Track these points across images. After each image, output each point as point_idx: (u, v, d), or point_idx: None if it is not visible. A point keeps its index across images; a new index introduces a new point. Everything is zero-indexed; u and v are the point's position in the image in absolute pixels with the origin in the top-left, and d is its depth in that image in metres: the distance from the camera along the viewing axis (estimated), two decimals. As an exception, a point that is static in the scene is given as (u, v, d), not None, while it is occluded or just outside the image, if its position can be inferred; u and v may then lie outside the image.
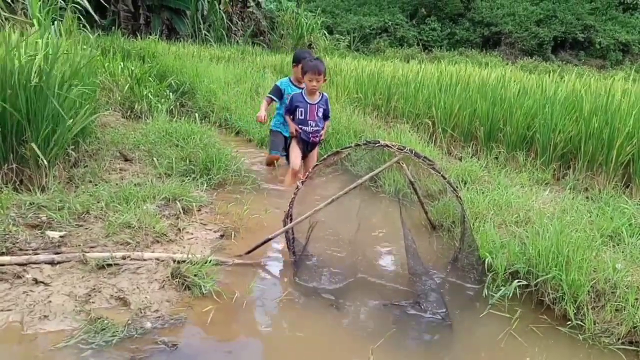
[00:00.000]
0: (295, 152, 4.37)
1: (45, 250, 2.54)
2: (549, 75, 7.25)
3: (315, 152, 4.50)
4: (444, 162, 4.60)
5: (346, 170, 4.60)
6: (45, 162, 3.24)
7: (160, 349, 1.98)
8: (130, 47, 10.97)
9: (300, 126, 4.30)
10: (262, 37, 17.89)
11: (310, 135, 4.34)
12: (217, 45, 15.26)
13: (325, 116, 4.41)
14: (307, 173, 2.93)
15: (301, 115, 4.29)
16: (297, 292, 2.54)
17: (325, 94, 4.39)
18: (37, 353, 1.90)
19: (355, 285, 2.64)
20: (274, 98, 4.68)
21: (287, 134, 4.59)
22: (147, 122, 5.29)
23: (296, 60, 4.63)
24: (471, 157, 4.72)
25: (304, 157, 4.45)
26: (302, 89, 4.40)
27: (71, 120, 3.49)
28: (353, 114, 6.03)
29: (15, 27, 4.29)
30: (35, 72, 3.26)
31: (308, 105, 4.27)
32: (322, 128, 4.40)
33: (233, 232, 3.11)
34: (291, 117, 4.36)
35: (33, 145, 3.20)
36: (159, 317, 2.18)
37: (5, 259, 2.39)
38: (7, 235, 2.57)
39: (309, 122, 4.29)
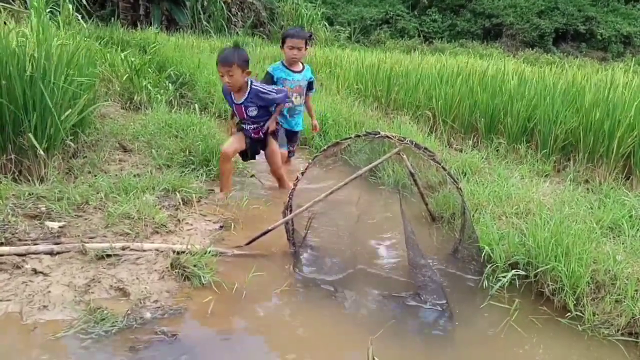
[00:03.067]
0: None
1: (45, 240, 2.53)
2: (551, 68, 7.21)
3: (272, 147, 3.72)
4: (444, 153, 4.58)
5: (346, 162, 4.58)
6: (42, 152, 3.23)
7: (160, 339, 1.98)
8: (129, 37, 10.90)
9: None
10: (262, 28, 17.77)
11: (251, 131, 3.64)
12: (217, 36, 15.15)
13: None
14: (307, 164, 2.91)
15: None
16: (296, 283, 2.54)
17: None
18: (36, 343, 1.91)
19: (354, 276, 2.63)
20: None
21: (285, 127, 4.19)
22: (147, 113, 5.26)
23: (283, 41, 4.11)
24: (471, 148, 4.70)
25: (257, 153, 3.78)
26: (298, 72, 4.09)
27: (68, 111, 3.47)
28: (353, 105, 6.00)
29: (12, 17, 4.25)
30: (29, 61, 3.24)
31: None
32: (266, 121, 3.61)
33: (232, 223, 3.10)
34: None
35: (30, 135, 3.19)
36: (159, 307, 2.18)
37: (5, 249, 2.39)
38: (6, 226, 2.57)
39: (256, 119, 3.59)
